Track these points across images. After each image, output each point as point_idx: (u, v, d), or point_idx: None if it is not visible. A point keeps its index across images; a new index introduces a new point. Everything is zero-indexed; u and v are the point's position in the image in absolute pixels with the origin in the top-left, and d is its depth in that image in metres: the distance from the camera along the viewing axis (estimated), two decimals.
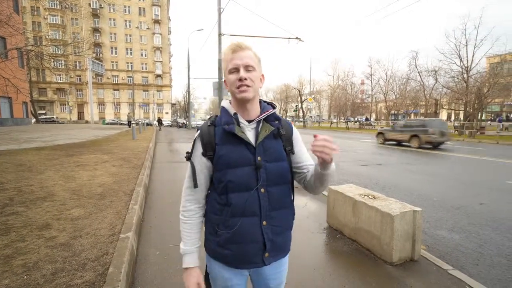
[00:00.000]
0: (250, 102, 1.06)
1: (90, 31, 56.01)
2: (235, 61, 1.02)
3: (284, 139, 1.13)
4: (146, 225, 3.66)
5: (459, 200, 5.06)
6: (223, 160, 1.04)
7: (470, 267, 2.80)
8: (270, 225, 1.07)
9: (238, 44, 1.04)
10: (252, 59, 1.03)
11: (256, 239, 1.06)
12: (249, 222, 1.05)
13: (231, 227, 1.05)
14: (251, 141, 1.05)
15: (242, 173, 1.03)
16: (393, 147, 14.22)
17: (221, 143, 1.06)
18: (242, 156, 1.04)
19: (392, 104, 40.50)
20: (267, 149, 1.07)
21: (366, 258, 2.85)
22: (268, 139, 1.07)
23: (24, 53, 10.17)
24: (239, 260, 1.08)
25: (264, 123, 1.08)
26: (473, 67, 24.22)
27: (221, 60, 1.03)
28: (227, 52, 1.05)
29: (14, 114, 23.82)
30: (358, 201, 3.15)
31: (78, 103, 59.13)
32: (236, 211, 1.04)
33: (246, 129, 1.07)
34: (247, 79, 1.01)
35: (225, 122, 1.07)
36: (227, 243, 1.06)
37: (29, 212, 3.54)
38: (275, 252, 1.11)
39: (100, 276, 2.16)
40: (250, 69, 1.03)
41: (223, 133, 1.06)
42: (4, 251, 2.51)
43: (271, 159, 1.07)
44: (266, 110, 1.10)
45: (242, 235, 1.05)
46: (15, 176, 5.41)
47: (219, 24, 13.36)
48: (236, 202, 1.04)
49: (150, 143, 12.89)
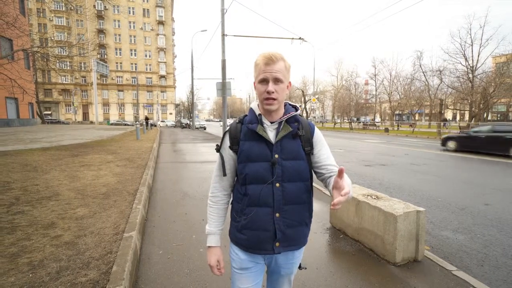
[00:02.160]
0: (274, 111, 1.16)
1: (95, 33, 56.51)
2: (265, 74, 1.09)
3: (304, 139, 1.20)
4: (149, 225, 3.69)
5: (464, 200, 5.02)
6: (244, 154, 1.16)
7: (475, 268, 2.77)
8: (282, 217, 1.16)
9: (271, 57, 1.09)
10: (281, 72, 1.10)
11: (268, 228, 1.15)
12: (263, 212, 1.15)
13: (247, 215, 1.17)
14: (270, 140, 1.14)
15: (260, 167, 1.14)
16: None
17: (245, 139, 1.18)
18: (261, 152, 1.15)
19: (397, 104, 40.28)
20: (284, 148, 1.15)
21: (369, 258, 2.84)
22: (286, 139, 1.16)
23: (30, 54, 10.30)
24: (252, 245, 1.19)
25: (285, 124, 1.17)
26: (479, 66, 24.06)
27: (255, 65, 1.15)
28: (260, 62, 1.11)
29: (20, 114, 24.08)
30: (361, 201, 3.14)
31: (83, 104, 59.62)
32: (252, 201, 1.16)
33: (268, 129, 1.17)
34: (274, 92, 1.09)
35: (249, 121, 1.19)
36: (243, 228, 1.19)
37: (35, 211, 3.58)
38: (286, 243, 1.19)
39: (104, 274, 2.18)
40: (278, 82, 1.10)
41: (247, 131, 1.18)
42: (10, 249, 2.55)
43: (287, 157, 1.15)
44: (289, 113, 1.19)
45: (256, 223, 1.16)
46: (21, 175, 5.47)
47: (222, 24, 13.40)
48: (252, 193, 1.15)
49: (154, 144, 12.96)
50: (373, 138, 21.40)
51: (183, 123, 40.75)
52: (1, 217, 3.33)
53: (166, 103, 65.15)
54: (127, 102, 61.58)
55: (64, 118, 54.40)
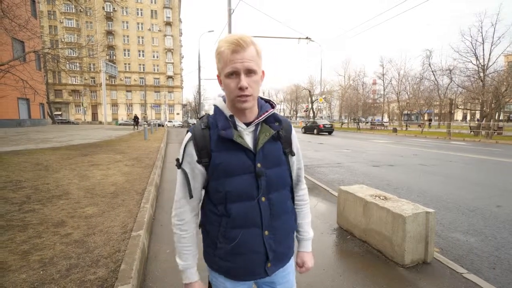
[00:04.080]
0: (249, 109, 0.97)
1: (104, 34, 57.32)
2: (235, 64, 0.87)
3: (284, 140, 1.03)
4: (157, 224, 3.72)
5: (475, 202, 4.92)
6: (220, 168, 0.94)
7: (486, 271, 2.71)
8: (272, 235, 0.99)
9: (238, 42, 0.86)
10: (254, 60, 0.89)
11: (258, 250, 0.98)
12: (250, 233, 0.97)
13: (232, 240, 0.97)
14: (250, 147, 0.95)
15: (242, 182, 0.95)
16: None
17: (217, 150, 0.95)
18: (241, 163, 0.94)
19: (405, 104, 39.73)
20: (267, 155, 0.97)
21: (377, 260, 2.81)
22: (268, 144, 0.98)
23: (41, 56, 10.52)
24: (241, 272, 1.01)
25: (263, 125, 0.98)
26: (490, 65, 23.53)
27: (217, 54, 0.92)
28: (225, 50, 0.88)
29: (31, 115, 24.63)
30: (369, 202, 3.11)
31: (92, 104, 60.62)
32: (236, 222, 0.96)
33: (244, 133, 0.96)
34: (248, 87, 0.88)
35: (221, 126, 0.95)
36: (227, 255, 0.99)
37: (45, 209, 3.65)
38: (277, 261, 1.03)
39: (112, 272, 2.21)
40: (251, 73, 0.89)
41: (219, 139, 0.94)
42: (22, 247, 2.60)
43: (270, 165, 0.98)
44: (265, 110, 0.99)
45: (244, 247, 0.97)
46: (32, 174, 5.59)
47: (229, 25, 13.43)
48: (236, 213, 0.95)
49: (162, 144, 13.07)
50: (381, 138, 21.16)
51: (190, 123, 41.11)
52: (13, 215, 3.41)
53: (174, 104, 65.69)
54: (135, 102, 62.33)
55: (74, 118, 55.45)
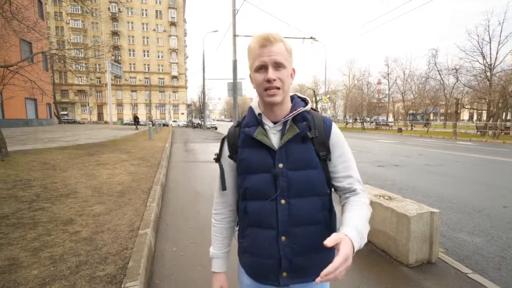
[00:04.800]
0: (279, 104, 0.94)
1: (110, 34, 57.83)
2: (263, 58, 0.88)
3: (316, 142, 0.95)
4: (163, 222, 3.77)
5: (480, 202, 4.89)
6: (243, 164, 0.97)
7: (492, 272, 2.71)
8: (289, 242, 0.93)
9: (267, 37, 0.88)
10: (282, 54, 0.89)
11: (271, 255, 0.94)
12: (264, 234, 0.95)
13: (248, 237, 0.99)
14: (273, 145, 0.93)
15: (260, 180, 0.94)
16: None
17: (243, 146, 0.98)
18: (262, 161, 0.94)
19: (410, 104, 39.44)
20: (290, 155, 0.93)
21: (381, 259, 2.82)
22: (293, 143, 0.93)
23: (48, 57, 10.66)
24: (255, 272, 1.01)
25: (291, 124, 0.94)
26: (497, 64, 23.31)
27: (248, 52, 0.95)
28: (254, 46, 0.90)
29: (39, 115, 24.98)
30: (373, 202, 3.11)
31: (98, 104, 61.22)
32: (252, 220, 0.97)
33: (271, 131, 0.95)
34: (276, 80, 0.87)
35: (246, 124, 0.98)
36: (245, 252, 1.01)
37: (54, 208, 3.72)
38: (295, 274, 0.95)
39: (120, 269, 2.26)
40: (280, 67, 0.88)
41: (245, 136, 0.97)
42: (33, 244, 2.67)
43: (295, 167, 0.93)
44: (296, 109, 0.95)
45: (257, 247, 0.97)
46: (41, 174, 5.69)
47: (233, 25, 13.47)
48: (251, 211, 0.97)
49: (166, 143, 13.16)
50: (386, 138, 21.04)
51: (194, 123, 41.25)
52: (24, 213, 3.48)
53: (178, 103, 66.03)
54: (140, 102, 62.78)
55: (80, 118, 56.05)
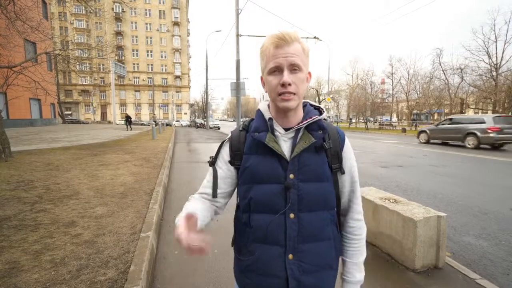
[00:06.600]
0: (293, 110, 0.88)
1: (113, 34, 58.17)
2: (278, 59, 0.81)
3: (330, 153, 0.90)
4: (165, 225, 3.74)
5: (487, 204, 4.80)
6: (248, 172, 0.89)
7: (500, 277, 2.64)
8: (297, 261, 0.87)
9: (283, 37, 0.81)
10: (299, 56, 0.82)
11: (278, 274, 0.87)
12: (271, 252, 0.87)
13: (251, 253, 0.90)
14: (284, 154, 0.86)
15: (269, 191, 0.87)
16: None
17: (250, 153, 0.90)
18: (271, 170, 0.87)
19: (415, 104, 39.15)
20: (304, 165, 0.86)
21: (387, 264, 2.77)
22: (307, 153, 0.87)
23: (52, 57, 10.69)
24: None
25: (305, 132, 0.88)
26: (503, 64, 23.06)
27: (261, 52, 0.87)
28: (268, 46, 0.83)
29: (43, 115, 25.18)
30: (378, 205, 3.06)
31: (102, 104, 61.56)
32: (257, 235, 0.89)
33: (282, 138, 0.89)
34: (291, 84, 0.81)
35: (255, 128, 0.90)
36: (247, 270, 0.92)
37: (56, 209, 3.71)
38: None
39: (122, 273, 2.23)
40: (296, 70, 0.82)
41: (253, 141, 0.90)
42: (34, 247, 2.65)
43: (308, 178, 0.87)
44: (310, 116, 0.89)
45: (262, 265, 0.89)
46: (44, 174, 5.70)
47: (236, 25, 13.44)
48: (257, 225, 0.88)
49: (169, 143, 13.17)
50: (390, 139, 20.89)
51: (197, 123, 41.35)
52: (26, 214, 3.47)
53: (181, 103, 66.19)
54: (143, 102, 63.07)
55: (84, 118, 56.50)
